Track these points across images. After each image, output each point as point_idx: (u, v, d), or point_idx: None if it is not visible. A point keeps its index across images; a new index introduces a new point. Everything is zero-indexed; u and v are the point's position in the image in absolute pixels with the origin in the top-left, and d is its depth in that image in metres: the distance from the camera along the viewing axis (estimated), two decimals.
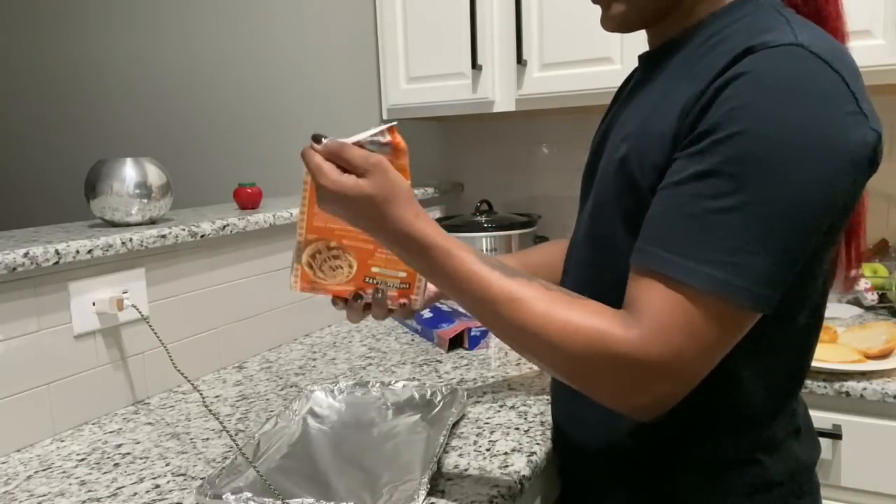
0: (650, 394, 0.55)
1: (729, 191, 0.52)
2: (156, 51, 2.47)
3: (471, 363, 1.16)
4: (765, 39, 0.54)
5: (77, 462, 0.84)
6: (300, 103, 2.22)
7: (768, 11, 0.59)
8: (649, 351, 0.53)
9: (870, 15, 1.22)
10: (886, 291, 1.37)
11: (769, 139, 0.51)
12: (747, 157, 0.51)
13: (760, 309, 0.53)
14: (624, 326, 0.55)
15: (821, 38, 0.55)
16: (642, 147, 0.61)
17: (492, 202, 1.95)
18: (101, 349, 1.00)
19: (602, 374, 0.56)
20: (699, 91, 0.56)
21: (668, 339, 0.53)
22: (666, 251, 0.54)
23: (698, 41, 0.62)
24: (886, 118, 1.53)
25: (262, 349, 1.30)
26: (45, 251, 0.89)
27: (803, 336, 0.64)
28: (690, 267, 0.52)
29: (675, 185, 0.55)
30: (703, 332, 0.53)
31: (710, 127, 0.53)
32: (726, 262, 0.51)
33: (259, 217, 1.24)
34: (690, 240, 0.53)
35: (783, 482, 0.66)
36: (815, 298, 0.63)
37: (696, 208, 0.53)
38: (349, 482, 0.74)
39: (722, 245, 0.52)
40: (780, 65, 0.52)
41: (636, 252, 0.57)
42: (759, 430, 0.65)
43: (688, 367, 0.54)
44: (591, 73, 1.47)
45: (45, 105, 2.77)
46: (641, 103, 0.66)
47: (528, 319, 0.58)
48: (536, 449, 0.81)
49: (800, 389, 0.68)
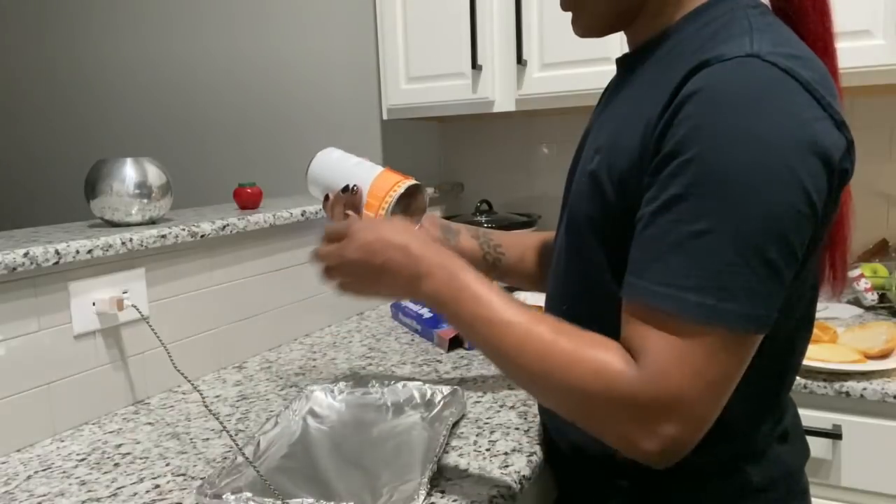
0: (657, 437, 0.53)
1: (701, 213, 0.51)
2: (156, 51, 2.47)
3: (471, 363, 1.16)
4: (720, 52, 0.53)
5: (77, 462, 0.84)
6: (300, 103, 2.22)
7: (736, 14, 0.58)
8: (648, 391, 0.52)
9: (870, 15, 1.22)
10: (886, 291, 1.37)
11: (730, 156, 0.50)
12: (712, 177, 0.50)
13: (756, 329, 0.52)
14: (625, 364, 0.54)
15: (782, 45, 0.53)
16: (612, 160, 0.61)
17: (492, 202, 1.95)
18: (101, 349, 1.00)
19: (602, 412, 0.55)
20: (661, 108, 0.55)
21: (667, 378, 0.51)
22: (653, 283, 0.53)
23: (668, 46, 0.62)
24: (886, 118, 1.54)
25: (262, 349, 1.30)
26: (45, 251, 0.89)
27: (788, 344, 0.63)
28: (678, 297, 0.51)
29: (652, 215, 0.54)
30: (704, 367, 0.51)
31: (672, 149, 0.53)
32: (712, 286, 0.50)
33: (259, 217, 1.24)
34: (675, 268, 0.52)
35: (768, 488, 0.66)
36: (801, 307, 0.62)
37: (673, 236, 0.52)
38: (349, 482, 0.74)
39: (706, 270, 0.51)
40: (734, 78, 0.51)
41: (626, 287, 0.56)
42: (741, 438, 0.64)
43: (693, 405, 0.52)
44: (591, 73, 1.47)
45: (44, 105, 2.77)
46: (614, 113, 0.65)
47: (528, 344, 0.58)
48: (536, 449, 0.81)
49: (786, 394, 0.68)
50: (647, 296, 0.53)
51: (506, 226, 1.65)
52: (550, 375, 0.56)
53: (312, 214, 1.37)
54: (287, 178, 2.26)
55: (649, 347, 0.53)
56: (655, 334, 0.53)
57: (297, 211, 1.33)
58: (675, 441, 0.53)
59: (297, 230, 1.37)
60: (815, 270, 0.62)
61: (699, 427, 0.53)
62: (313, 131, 2.20)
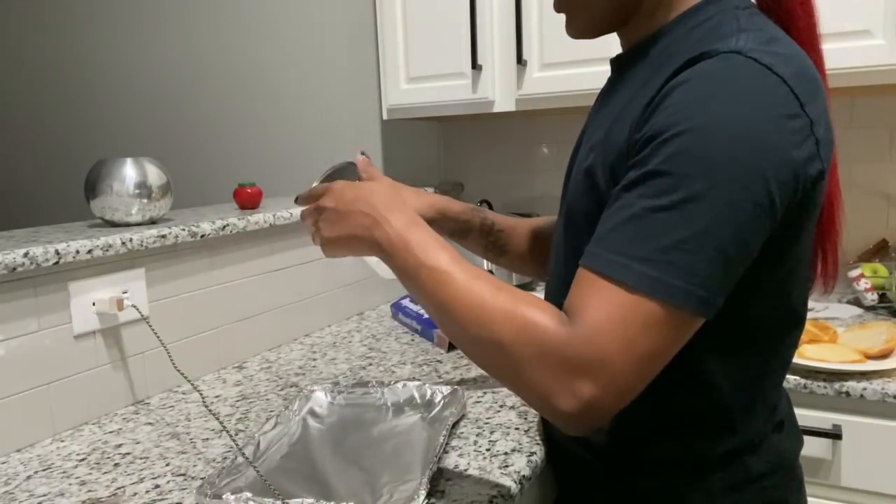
0: (572, 396, 0.52)
1: (666, 189, 0.52)
2: (155, 51, 2.47)
3: (471, 363, 1.16)
4: (706, 50, 0.55)
5: (77, 462, 0.84)
6: (300, 103, 2.22)
7: (727, 15, 0.60)
8: (575, 347, 0.52)
9: (870, 15, 1.22)
10: (886, 291, 1.37)
11: (700, 142, 0.51)
12: (683, 156, 0.52)
13: (695, 309, 0.52)
14: (558, 323, 0.54)
15: (767, 43, 0.55)
16: (605, 158, 0.62)
17: (492, 202, 1.95)
18: (101, 349, 1.00)
19: (524, 363, 0.54)
20: (648, 101, 0.57)
21: (596, 339, 0.51)
22: (606, 251, 0.54)
23: (661, 46, 0.64)
24: (886, 118, 1.53)
25: (262, 349, 1.30)
26: (45, 251, 0.89)
27: (778, 335, 0.64)
28: (624, 264, 0.52)
29: (622, 190, 0.56)
30: (636, 337, 0.51)
31: (650, 133, 0.55)
32: (660, 260, 0.51)
33: (259, 217, 1.24)
34: (629, 239, 0.53)
35: (764, 475, 0.67)
36: (790, 300, 0.63)
37: (636, 209, 0.53)
38: (349, 482, 0.74)
39: (657, 243, 0.51)
40: (716, 71, 0.54)
41: (584, 255, 0.57)
42: (737, 427, 0.65)
43: (616, 372, 0.51)
44: (591, 73, 1.47)
45: (44, 105, 2.77)
46: (609, 111, 0.67)
47: (461, 295, 0.58)
48: (536, 449, 0.81)
49: (780, 385, 0.69)
50: (597, 263, 0.54)
51: None
52: (481, 326, 0.57)
53: None
54: (287, 178, 2.26)
55: (586, 311, 0.53)
56: (596, 300, 0.53)
57: (296, 211, 1.33)
58: (591, 404, 0.52)
59: (297, 230, 1.37)
60: (805, 264, 0.63)
61: (619, 396, 0.52)
62: (313, 131, 2.20)
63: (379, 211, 0.67)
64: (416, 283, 0.62)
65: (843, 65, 1.23)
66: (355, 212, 0.68)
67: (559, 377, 0.53)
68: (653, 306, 0.51)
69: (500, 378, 0.58)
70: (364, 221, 0.67)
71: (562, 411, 0.53)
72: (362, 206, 0.68)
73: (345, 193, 0.71)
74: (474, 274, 0.60)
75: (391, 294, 1.69)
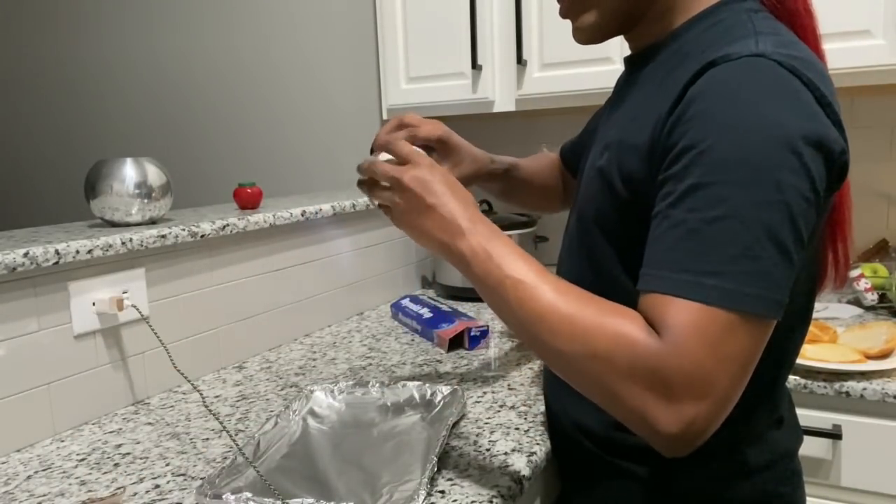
0: (677, 416, 0.51)
1: (716, 201, 0.52)
2: (155, 50, 2.47)
3: (471, 363, 1.16)
4: (727, 52, 0.55)
5: (77, 462, 0.84)
6: (300, 103, 2.21)
7: (740, 17, 0.60)
8: (671, 363, 0.50)
9: (870, 15, 1.22)
10: (886, 291, 1.37)
11: (741, 146, 0.51)
12: (724, 166, 0.52)
13: (773, 314, 0.52)
14: (647, 332, 0.53)
15: (786, 46, 0.56)
16: (621, 158, 0.63)
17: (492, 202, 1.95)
18: (101, 349, 1.00)
19: (624, 381, 0.52)
20: (670, 106, 0.57)
21: (690, 350, 0.50)
22: (671, 272, 0.53)
23: (674, 47, 0.64)
24: (886, 118, 1.53)
25: (262, 349, 1.30)
26: (45, 251, 0.89)
27: (786, 334, 0.64)
28: (697, 282, 0.51)
29: (668, 208, 0.55)
30: (725, 345, 0.50)
31: (685, 144, 0.54)
32: (732, 271, 0.51)
33: (259, 217, 1.24)
34: (692, 255, 0.52)
35: (763, 469, 0.68)
36: (800, 299, 0.64)
37: (690, 224, 0.53)
38: (349, 482, 0.74)
39: (722, 255, 0.51)
40: (742, 76, 0.54)
41: (642, 278, 0.56)
42: (741, 422, 0.65)
43: (715, 382, 0.50)
44: (591, 73, 1.47)
45: (44, 105, 2.77)
46: (623, 111, 0.67)
47: (551, 308, 0.56)
48: (536, 449, 0.81)
49: (783, 383, 0.70)
50: (665, 285, 0.53)
51: (506, 226, 1.65)
52: (573, 341, 0.55)
53: (312, 214, 1.37)
54: (287, 178, 2.26)
55: (670, 323, 0.52)
56: (675, 314, 0.52)
57: (297, 211, 1.33)
58: (695, 423, 0.51)
59: (297, 230, 1.37)
60: (814, 261, 0.64)
61: (720, 408, 0.51)
62: (313, 131, 2.20)
63: (460, 220, 0.64)
64: (500, 295, 0.60)
65: (844, 65, 1.23)
66: (438, 215, 0.65)
67: (661, 397, 0.51)
68: (734, 318, 0.51)
69: (595, 396, 0.56)
70: (447, 227, 0.64)
71: (665, 433, 0.52)
72: (443, 209, 0.65)
73: (429, 183, 0.66)
74: (562, 288, 0.58)
75: (391, 294, 1.69)
